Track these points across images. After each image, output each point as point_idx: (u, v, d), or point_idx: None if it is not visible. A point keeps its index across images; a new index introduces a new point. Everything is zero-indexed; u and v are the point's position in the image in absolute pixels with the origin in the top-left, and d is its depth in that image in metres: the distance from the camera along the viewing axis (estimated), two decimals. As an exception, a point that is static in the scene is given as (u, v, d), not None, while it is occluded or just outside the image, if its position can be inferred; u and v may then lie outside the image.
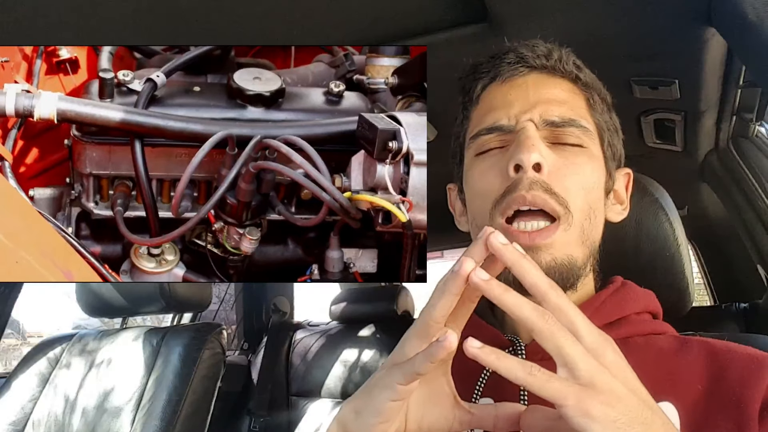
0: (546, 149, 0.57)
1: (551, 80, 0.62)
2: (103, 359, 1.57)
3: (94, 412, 1.46)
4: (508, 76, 0.62)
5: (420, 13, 0.89)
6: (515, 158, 0.56)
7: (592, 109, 0.63)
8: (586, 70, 0.64)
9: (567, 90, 0.62)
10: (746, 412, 0.49)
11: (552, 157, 0.57)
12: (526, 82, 0.61)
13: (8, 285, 1.64)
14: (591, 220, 0.59)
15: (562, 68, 0.62)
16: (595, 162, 0.61)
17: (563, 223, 0.56)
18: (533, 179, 0.55)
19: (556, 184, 0.56)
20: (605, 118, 0.64)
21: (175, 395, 1.40)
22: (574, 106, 0.61)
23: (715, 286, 2.16)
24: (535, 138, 0.57)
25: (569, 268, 0.57)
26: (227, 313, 2.67)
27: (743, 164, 1.31)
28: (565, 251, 0.56)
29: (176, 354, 1.48)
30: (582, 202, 0.58)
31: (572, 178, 0.57)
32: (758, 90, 1.11)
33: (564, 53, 0.63)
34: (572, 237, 0.57)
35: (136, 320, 1.95)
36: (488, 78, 0.64)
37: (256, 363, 2.15)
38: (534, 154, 0.55)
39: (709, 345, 0.56)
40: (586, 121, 0.61)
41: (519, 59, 0.62)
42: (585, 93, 0.63)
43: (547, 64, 0.62)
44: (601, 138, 0.62)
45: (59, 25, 0.87)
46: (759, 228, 1.28)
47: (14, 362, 1.73)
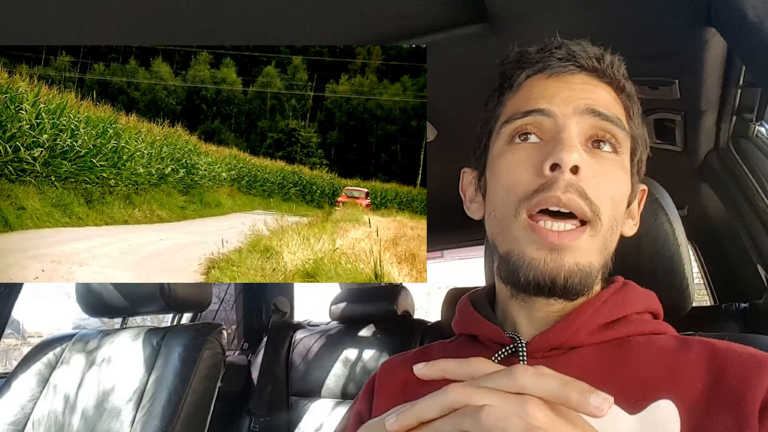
0: (584, 152, 0.56)
1: (597, 84, 0.61)
2: (103, 359, 1.57)
3: (94, 412, 1.46)
4: (557, 71, 0.60)
5: (420, 13, 0.89)
6: (554, 156, 0.54)
7: (631, 120, 0.62)
8: (630, 82, 0.64)
9: (611, 97, 0.61)
10: (746, 410, 0.49)
11: (589, 161, 0.56)
12: (573, 80, 0.60)
13: (8, 285, 1.64)
14: (613, 230, 0.59)
15: (612, 74, 0.61)
16: (626, 174, 0.60)
17: (591, 228, 0.56)
18: (569, 181, 0.54)
19: (590, 189, 0.56)
20: (640, 131, 0.63)
21: (175, 395, 1.40)
22: (617, 112, 0.61)
23: (715, 286, 2.15)
24: (575, 138, 0.56)
25: (587, 273, 0.57)
26: (227, 313, 2.67)
27: (743, 164, 1.31)
28: (588, 257, 0.56)
29: (176, 354, 1.48)
30: (610, 211, 0.58)
31: (605, 186, 0.57)
32: (758, 90, 1.11)
33: (617, 60, 0.62)
34: (595, 244, 0.57)
35: (136, 320, 1.95)
36: (534, 69, 0.62)
37: (256, 363, 2.15)
38: (575, 155, 0.54)
39: (710, 344, 0.56)
40: (627, 128, 0.60)
41: (570, 56, 0.61)
42: (626, 103, 0.62)
43: (597, 66, 0.61)
44: (633, 151, 0.62)
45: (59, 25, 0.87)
46: (759, 228, 1.28)
47: (14, 362, 1.73)
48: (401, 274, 2.31)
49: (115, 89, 10.55)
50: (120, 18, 0.86)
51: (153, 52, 11.02)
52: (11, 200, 2.74)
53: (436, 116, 1.29)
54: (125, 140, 4.18)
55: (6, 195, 2.74)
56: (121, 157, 4.05)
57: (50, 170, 3.21)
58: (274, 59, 11.83)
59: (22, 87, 3.15)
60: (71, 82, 8.98)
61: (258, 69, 11.74)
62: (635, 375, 0.54)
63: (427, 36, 0.94)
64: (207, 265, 2.21)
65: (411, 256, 2.73)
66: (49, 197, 3.09)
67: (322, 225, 3.87)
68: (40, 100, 3.27)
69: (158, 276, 1.94)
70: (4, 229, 2.49)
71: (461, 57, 0.68)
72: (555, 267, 0.55)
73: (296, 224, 3.72)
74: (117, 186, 3.92)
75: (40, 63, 9.93)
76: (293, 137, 11.54)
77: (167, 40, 0.95)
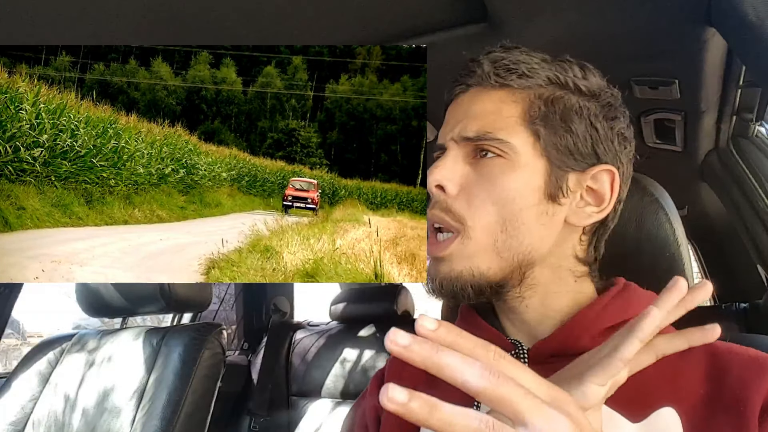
0: (457, 168, 0.61)
1: (484, 94, 0.63)
2: (103, 359, 1.57)
3: (94, 412, 1.46)
4: (455, 95, 0.66)
5: (420, 13, 0.89)
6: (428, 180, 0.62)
7: (527, 115, 0.61)
8: (544, 71, 0.62)
9: (496, 101, 0.62)
10: (747, 414, 0.49)
11: (461, 175, 0.61)
12: (463, 101, 0.65)
13: (8, 285, 1.64)
14: (508, 231, 0.59)
15: (490, 83, 0.63)
16: (520, 172, 0.59)
17: (459, 236, 0.60)
18: (437, 199, 0.61)
19: (461, 201, 0.60)
20: (551, 121, 0.61)
21: (175, 395, 1.40)
22: (501, 116, 0.60)
23: (715, 286, 2.15)
24: (448, 158, 0.62)
25: (473, 278, 0.59)
26: (227, 313, 2.67)
27: (743, 164, 1.31)
28: (466, 263, 0.59)
29: (176, 354, 1.48)
30: (491, 216, 0.59)
31: (479, 194, 0.60)
32: (758, 90, 1.11)
33: (490, 66, 0.62)
34: (474, 249, 0.59)
35: (136, 320, 1.95)
36: (452, 94, 0.68)
37: (256, 363, 2.15)
38: (436, 176, 0.61)
39: (711, 346, 0.56)
40: (509, 131, 0.60)
41: (456, 80, 0.66)
42: (523, 99, 0.61)
43: (474, 82, 0.64)
44: (539, 143, 0.60)
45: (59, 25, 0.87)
46: (759, 228, 1.28)
47: (14, 362, 1.73)
48: (401, 274, 2.31)
49: (115, 89, 10.55)
50: (120, 18, 0.86)
51: (153, 52, 11.03)
52: (11, 200, 2.74)
53: (436, 116, 1.29)
54: (125, 140, 4.18)
55: (6, 195, 2.74)
56: (121, 157, 4.06)
57: (50, 170, 3.21)
58: (274, 59, 11.84)
59: (22, 87, 3.15)
60: (71, 82, 8.98)
61: (258, 69, 11.75)
62: (637, 382, 0.54)
63: (427, 36, 0.94)
64: (207, 265, 2.22)
65: (411, 256, 2.73)
66: (49, 197, 3.09)
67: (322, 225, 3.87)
68: (40, 100, 3.27)
69: (158, 276, 1.94)
70: (4, 229, 2.49)
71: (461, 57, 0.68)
72: (434, 274, 0.62)
73: (296, 224, 3.73)
74: (117, 186, 3.92)
75: (40, 63, 9.94)
76: (293, 137, 11.55)
77: (167, 40, 0.95)
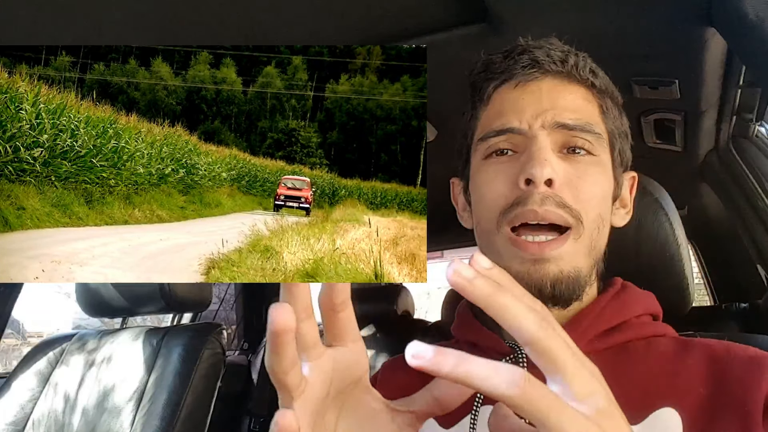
0: (557, 161, 0.57)
1: (566, 86, 0.60)
2: (103, 359, 1.57)
3: (94, 412, 1.46)
4: (522, 80, 0.60)
5: (420, 13, 0.89)
6: (527, 172, 0.55)
7: (605, 116, 0.62)
8: (601, 74, 0.63)
9: (581, 97, 0.61)
10: (750, 413, 0.49)
11: (563, 169, 0.57)
12: (539, 87, 0.60)
13: (8, 285, 1.64)
14: (600, 229, 0.59)
15: (578, 75, 0.61)
16: (606, 170, 0.60)
17: (573, 234, 0.56)
18: (545, 194, 0.55)
19: (568, 196, 0.56)
20: (617, 123, 0.63)
21: (175, 395, 1.40)
22: (587, 114, 0.60)
23: (715, 286, 2.15)
24: (547, 150, 0.56)
25: (575, 279, 0.57)
26: (227, 313, 2.67)
27: (743, 164, 1.31)
28: (573, 263, 0.57)
29: (176, 354, 1.48)
30: (593, 212, 0.58)
31: (585, 189, 0.57)
32: (758, 90, 1.11)
33: (581, 59, 0.61)
34: (580, 248, 0.57)
35: (136, 320, 1.95)
36: (500, 79, 0.62)
37: (256, 363, 2.15)
38: (546, 169, 0.54)
39: (710, 348, 0.56)
40: (599, 128, 0.60)
41: (533, 63, 0.60)
42: (599, 99, 0.62)
43: (562, 69, 0.60)
44: (612, 145, 0.62)
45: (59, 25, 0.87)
46: (759, 228, 1.28)
47: (14, 362, 1.73)
48: (401, 274, 2.31)
49: (115, 89, 10.55)
50: (120, 18, 0.86)
51: (153, 52, 11.02)
52: (11, 200, 2.74)
53: (436, 116, 1.29)
54: (125, 140, 4.18)
55: (6, 195, 2.74)
56: (121, 157, 4.05)
57: (50, 170, 3.21)
58: (274, 59, 11.83)
59: (22, 87, 3.15)
60: (71, 82, 8.98)
61: (258, 69, 11.75)
62: (636, 383, 0.54)
63: (427, 36, 0.94)
64: (207, 265, 2.21)
65: (411, 256, 2.73)
66: (49, 197, 3.09)
67: (322, 225, 3.87)
68: (40, 100, 3.27)
69: (158, 276, 1.94)
70: (4, 229, 2.49)
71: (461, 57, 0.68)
72: (539, 278, 0.56)
73: (296, 224, 3.72)
74: (117, 186, 3.92)
75: (40, 63, 9.93)
76: (293, 137, 11.54)
77: (167, 40, 0.95)
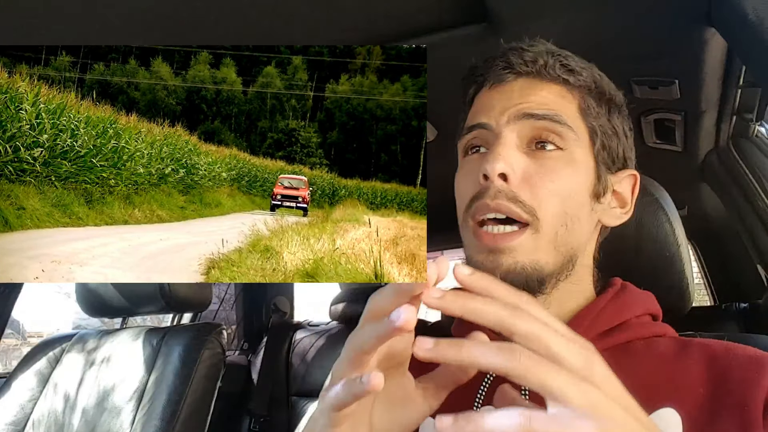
0: (518, 157, 0.58)
1: (539, 85, 0.62)
2: (103, 359, 1.57)
3: (94, 412, 1.46)
4: (496, 82, 0.63)
5: (420, 13, 0.89)
6: (482, 168, 0.58)
7: (585, 112, 0.62)
8: (589, 72, 0.63)
9: (555, 94, 0.62)
10: (750, 413, 0.49)
11: (522, 165, 0.58)
12: (512, 88, 0.62)
13: (8, 285, 1.64)
14: (568, 226, 0.59)
15: (548, 73, 0.62)
16: (577, 167, 0.60)
17: (530, 229, 0.57)
18: (498, 188, 0.57)
19: (525, 191, 0.57)
20: (601, 121, 0.63)
21: (175, 395, 1.40)
22: (558, 107, 0.61)
23: (715, 286, 2.15)
24: (507, 146, 0.58)
25: (533, 272, 0.58)
26: (227, 313, 2.67)
27: (743, 164, 1.31)
28: (531, 256, 0.57)
29: (176, 354, 1.48)
30: (556, 208, 0.58)
31: (545, 185, 0.58)
32: (758, 90, 1.11)
33: (551, 59, 0.62)
34: (541, 243, 0.58)
35: (136, 320, 1.95)
36: (479, 83, 0.65)
37: (256, 363, 2.15)
38: (499, 164, 0.56)
39: (709, 348, 0.56)
40: (573, 123, 0.60)
41: (507, 65, 0.63)
42: (580, 96, 0.62)
43: (532, 70, 0.62)
44: (592, 141, 0.62)
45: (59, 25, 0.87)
46: (759, 228, 1.28)
47: (14, 362, 1.73)
48: (401, 274, 2.31)
49: (115, 89, 10.55)
50: (120, 18, 0.86)
51: (153, 52, 11.02)
52: (11, 200, 2.74)
53: (436, 116, 1.29)
54: (125, 140, 4.18)
55: (6, 195, 2.74)
56: (121, 157, 4.05)
57: (50, 170, 3.21)
58: (274, 59, 11.83)
59: (22, 87, 3.15)
60: (71, 82, 8.98)
61: (258, 69, 11.75)
62: (636, 384, 0.54)
63: (427, 36, 0.94)
64: (207, 265, 2.21)
65: (411, 256, 2.73)
66: (49, 197, 3.09)
67: (322, 225, 3.87)
68: (40, 100, 3.27)
69: (158, 276, 1.94)
70: (4, 229, 2.49)
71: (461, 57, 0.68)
72: (493, 267, 0.57)
73: (296, 224, 3.72)
74: (117, 186, 3.92)
75: (40, 63, 9.93)
76: (293, 137, 11.54)
77: (167, 40, 0.95)
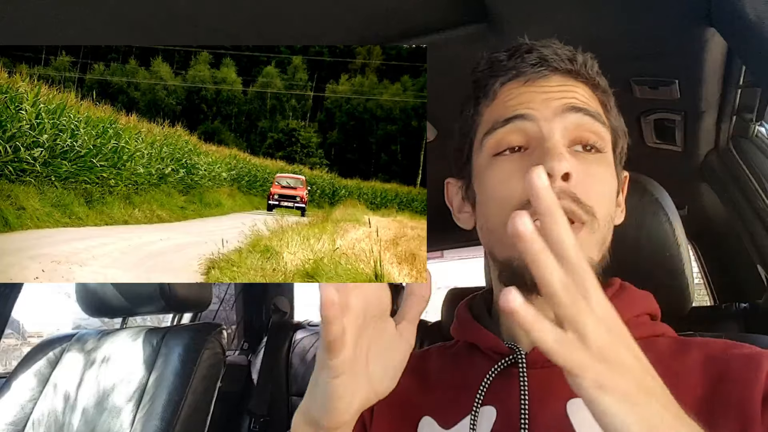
0: (572, 159, 0.56)
1: (573, 84, 0.61)
2: (103, 359, 1.56)
3: (94, 412, 1.46)
4: (531, 77, 0.60)
5: (420, 13, 0.89)
6: (546, 165, 0.54)
7: (608, 113, 0.63)
8: (602, 77, 0.64)
9: (587, 95, 0.61)
10: (749, 411, 0.49)
11: (576, 165, 0.57)
12: (548, 83, 0.60)
13: (8, 285, 1.64)
14: (608, 225, 0.60)
15: (586, 73, 0.61)
16: (611, 168, 0.61)
17: (589, 227, 0.57)
18: (561, 188, 0.55)
19: (582, 192, 0.56)
20: (618, 123, 0.64)
21: (175, 395, 1.40)
22: (595, 108, 0.61)
23: (715, 286, 2.15)
24: (561, 145, 0.56)
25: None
26: (227, 313, 2.67)
27: (743, 164, 1.31)
28: (587, 253, 0.57)
29: (176, 354, 1.48)
30: (605, 209, 0.59)
31: (596, 186, 0.58)
32: (758, 90, 1.11)
33: (589, 58, 0.62)
34: (594, 240, 0.58)
35: (136, 320, 1.95)
36: (508, 76, 0.62)
37: (256, 363, 2.15)
38: (564, 163, 0.54)
39: (707, 347, 0.56)
40: (605, 122, 0.61)
41: (542, 60, 0.60)
42: (602, 99, 0.63)
43: (571, 68, 0.61)
44: (614, 143, 0.63)
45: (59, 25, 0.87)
46: (759, 228, 1.28)
47: (14, 362, 1.73)
48: (401, 274, 2.31)
49: (115, 89, 10.54)
50: (120, 18, 0.86)
51: (153, 52, 11.02)
52: (11, 200, 2.74)
53: (436, 116, 1.29)
54: (125, 140, 4.18)
55: (6, 195, 2.74)
56: (121, 157, 4.05)
57: (50, 170, 3.21)
58: (274, 59, 11.83)
59: (22, 87, 3.15)
60: (71, 82, 8.97)
61: (258, 69, 11.74)
62: None
63: (427, 36, 0.94)
64: (207, 265, 2.21)
65: (411, 256, 2.73)
66: (49, 197, 3.08)
67: (322, 225, 3.86)
68: (40, 100, 3.27)
69: (158, 276, 1.94)
70: (4, 229, 2.49)
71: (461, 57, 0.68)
72: None
73: (296, 224, 3.72)
74: (117, 186, 3.91)
75: (40, 63, 9.93)
76: (293, 137, 11.54)
77: (167, 40, 0.95)
